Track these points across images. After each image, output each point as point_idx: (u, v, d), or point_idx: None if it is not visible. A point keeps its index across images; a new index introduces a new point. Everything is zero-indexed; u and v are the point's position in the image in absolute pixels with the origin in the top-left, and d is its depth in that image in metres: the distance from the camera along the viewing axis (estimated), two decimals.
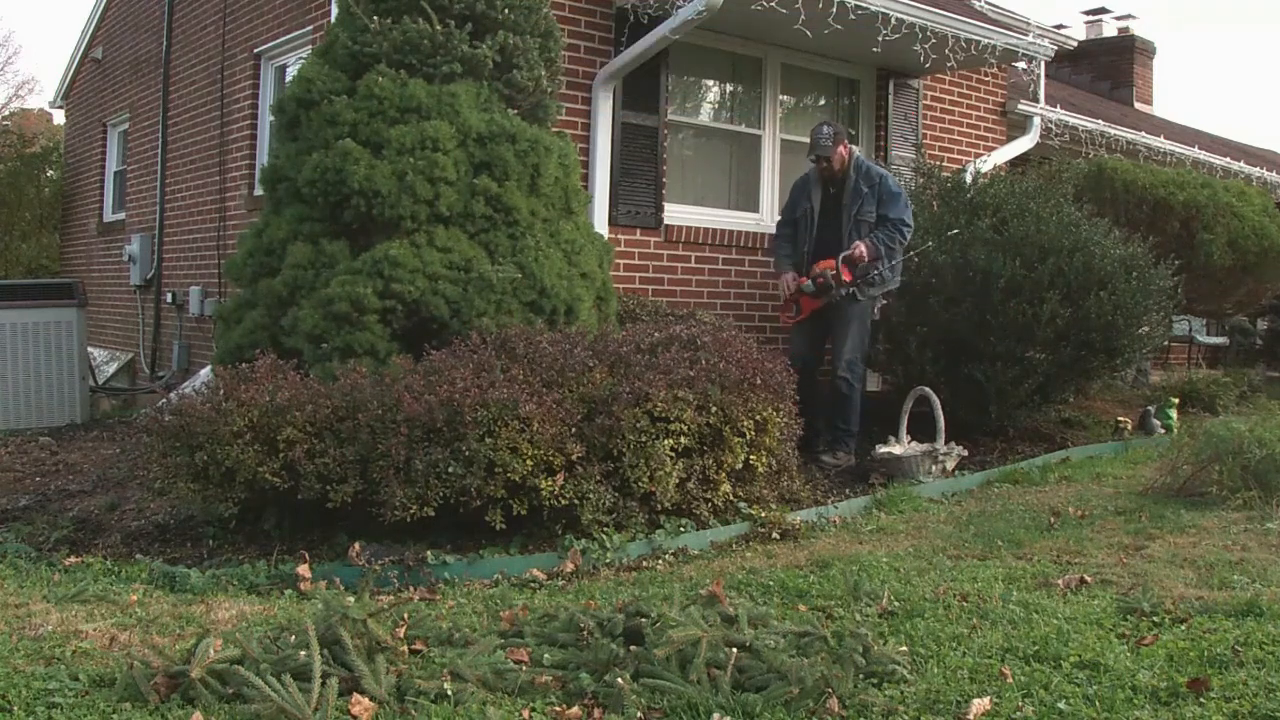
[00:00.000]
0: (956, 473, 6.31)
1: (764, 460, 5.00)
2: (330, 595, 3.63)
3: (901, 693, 2.78)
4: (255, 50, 8.75)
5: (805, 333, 6.75)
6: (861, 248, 6.41)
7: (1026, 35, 8.72)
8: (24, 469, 6.31)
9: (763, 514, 4.99)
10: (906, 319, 7.02)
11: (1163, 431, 7.88)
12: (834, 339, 6.62)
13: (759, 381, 4.91)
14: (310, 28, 7.89)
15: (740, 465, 4.88)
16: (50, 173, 15.50)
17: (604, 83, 7.22)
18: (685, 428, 4.60)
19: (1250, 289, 10.86)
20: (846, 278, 6.43)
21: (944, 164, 8.42)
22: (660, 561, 4.45)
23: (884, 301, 6.92)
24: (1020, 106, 10.06)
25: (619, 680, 2.76)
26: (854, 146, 6.77)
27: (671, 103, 7.84)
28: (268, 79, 8.78)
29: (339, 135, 5.24)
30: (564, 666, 2.95)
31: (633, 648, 2.95)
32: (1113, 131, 11.27)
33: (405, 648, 3.02)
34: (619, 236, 7.28)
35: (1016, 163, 10.14)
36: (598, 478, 4.45)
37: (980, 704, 2.66)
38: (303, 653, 2.76)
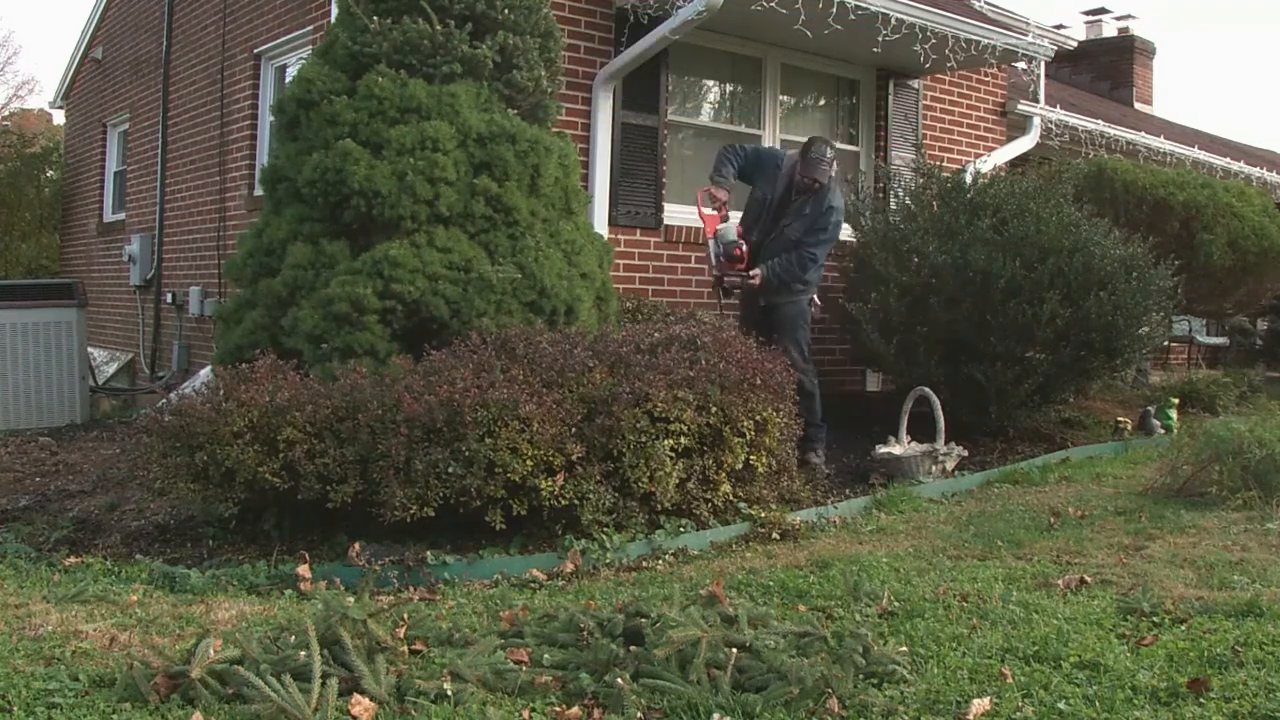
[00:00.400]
0: (956, 473, 6.31)
1: (764, 460, 5.00)
2: (330, 595, 3.62)
3: (901, 693, 2.78)
4: (255, 50, 8.76)
5: (746, 325, 6.55)
6: (758, 279, 6.33)
7: (1026, 35, 8.73)
8: (24, 469, 6.31)
9: (763, 514, 4.99)
10: (907, 319, 7.02)
11: (1163, 432, 7.89)
12: (778, 342, 6.36)
13: (759, 382, 4.91)
14: (310, 28, 7.89)
15: (740, 465, 4.88)
16: (50, 173, 15.51)
17: (604, 83, 7.22)
18: (685, 428, 4.60)
19: (1250, 289, 10.87)
20: (718, 270, 6.40)
21: (944, 164, 8.42)
22: (660, 562, 4.45)
23: (816, 303, 6.74)
24: (1020, 107, 10.06)
25: (619, 680, 2.76)
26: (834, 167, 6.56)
27: (671, 103, 7.84)
28: (268, 79, 8.78)
29: (339, 135, 5.24)
30: (564, 667, 2.95)
31: (633, 648, 2.95)
32: (1113, 132, 11.28)
33: (405, 648, 3.02)
34: (619, 236, 7.28)
35: (1016, 163, 10.14)
36: (598, 478, 4.45)
37: (980, 704, 2.65)
38: (303, 653, 2.76)
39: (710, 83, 8.45)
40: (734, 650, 2.87)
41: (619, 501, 4.53)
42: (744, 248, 6.36)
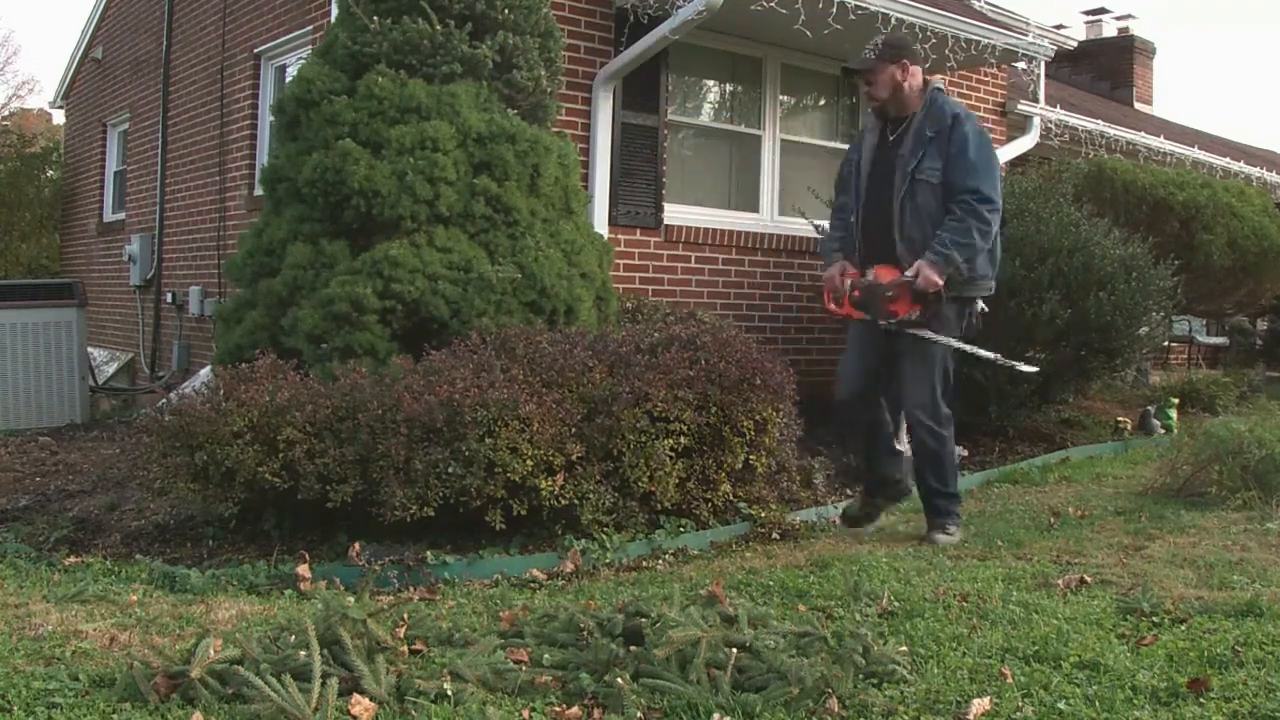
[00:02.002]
0: None
1: (764, 460, 5.00)
2: (330, 595, 3.62)
3: (901, 693, 2.77)
4: (255, 50, 8.76)
5: (859, 347, 4.91)
6: (927, 270, 4.43)
7: (1026, 35, 8.72)
8: (24, 469, 6.31)
9: (762, 514, 4.99)
10: None
11: (1163, 432, 7.89)
12: (894, 374, 4.77)
13: (759, 382, 4.91)
14: (310, 28, 7.89)
15: (740, 465, 4.88)
16: (50, 173, 15.51)
17: (604, 83, 7.22)
18: (685, 428, 4.60)
19: (1250, 289, 10.87)
20: (901, 311, 4.57)
21: None
22: (660, 561, 4.45)
23: (981, 309, 4.81)
24: (1020, 106, 10.06)
25: (619, 680, 2.75)
26: (936, 79, 4.89)
27: (671, 103, 7.84)
28: (268, 79, 8.78)
29: (339, 135, 5.24)
30: (564, 667, 2.95)
31: (633, 648, 2.95)
32: (1112, 132, 11.28)
33: (405, 648, 3.02)
34: (619, 236, 7.28)
35: (1016, 163, 10.14)
36: (598, 478, 4.45)
37: (980, 704, 2.65)
38: (303, 653, 2.76)
39: (710, 83, 8.45)
40: (734, 650, 2.87)
41: (619, 501, 4.53)
42: (890, 281, 4.59)
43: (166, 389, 8.34)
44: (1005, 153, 9.90)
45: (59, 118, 16.29)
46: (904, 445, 6.27)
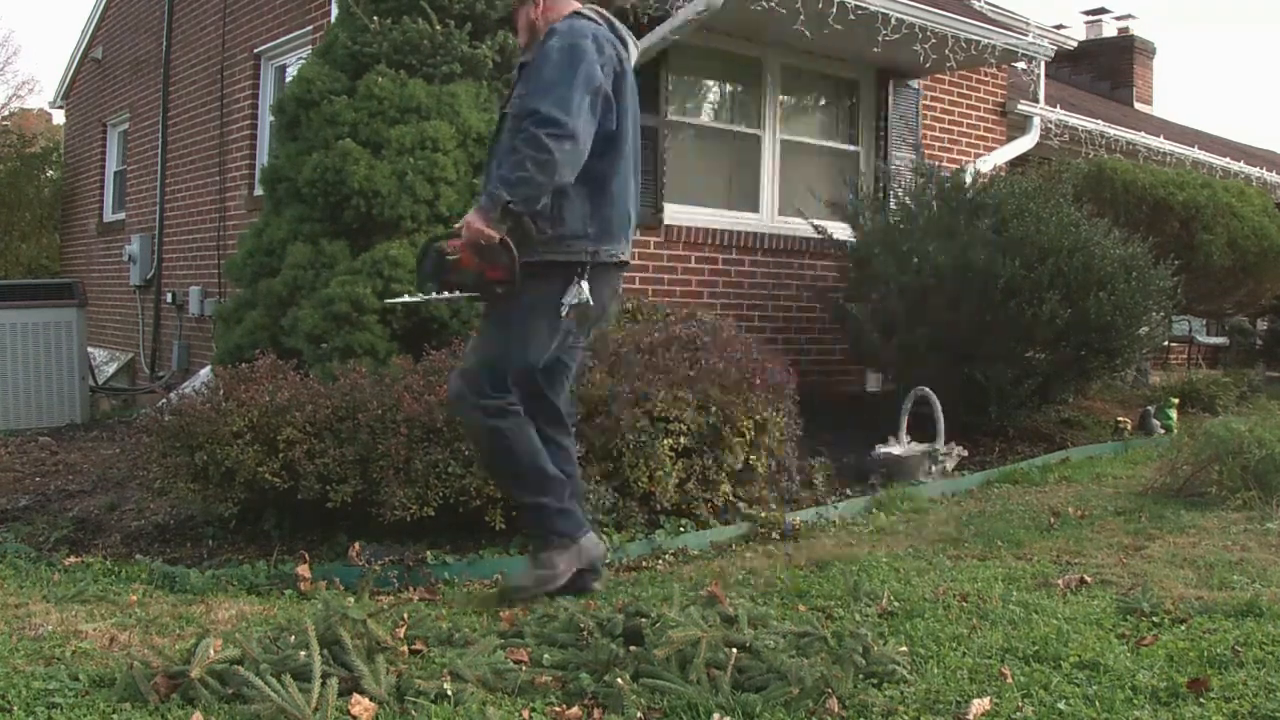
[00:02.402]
0: (956, 473, 6.31)
1: (764, 460, 5.00)
2: (330, 595, 3.62)
3: (901, 693, 2.77)
4: (255, 50, 8.76)
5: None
6: (469, 217, 3.49)
7: (1026, 35, 8.73)
8: (24, 469, 6.31)
9: (762, 514, 4.99)
10: (907, 319, 7.02)
11: (1162, 432, 7.88)
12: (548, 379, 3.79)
13: (759, 382, 4.91)
14: (310, 28, 7.90)
15: (740, 465, 4.88)
16: (50, 173, 15.51)
17: None
18: (685, 428, 4.60)
19: (1250, 289, 10.87)
20: (467, 263, 3.54)
21: (944, 164, 8.43)
22: (660, 561, 4.45)
23: (584, 296, 3.63)
24: (1020, 106, 10.06)
25: (619, 680, 2.75)
26: (590, 10, 3.85)
27: (671, 103, 7.83)
28: (268, 79, 8.78)
29: (339, 135, 5.25)
30: (564, 667, 2.95)
31: (632, 648, 2.95)
32: (1112, 132, 11.28)
33: (405, 648, 3.02)
34: None
35: (1016, 163, 10.14)
36: (597, 478, 4.45)
37: (980, 704, 2.65)
38: (303, 653, 2.76)
39: (710, 83, 8.45)
40: (734, 650, 2.87)
41: (619, 501, 4.53)
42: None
43: (166, 389, 8.34)
44: (1005, 153, 9.90)
45: (59, 118, 16.30)
46: (901, 447, 6.26)
